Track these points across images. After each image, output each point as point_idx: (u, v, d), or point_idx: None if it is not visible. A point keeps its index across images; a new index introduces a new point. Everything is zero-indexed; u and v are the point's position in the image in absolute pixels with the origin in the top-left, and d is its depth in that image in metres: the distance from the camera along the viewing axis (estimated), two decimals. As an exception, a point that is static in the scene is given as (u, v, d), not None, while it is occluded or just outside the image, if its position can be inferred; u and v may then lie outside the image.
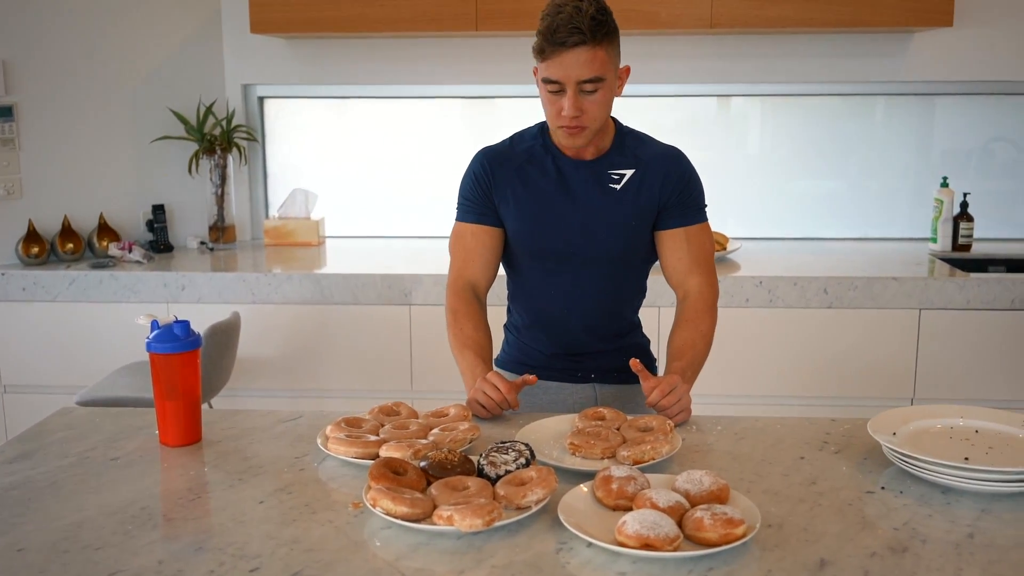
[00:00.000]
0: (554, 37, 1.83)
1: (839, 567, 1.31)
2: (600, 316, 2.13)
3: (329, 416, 1.91)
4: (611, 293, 2.13)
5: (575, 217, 2.05)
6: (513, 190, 2.07)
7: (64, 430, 1.88)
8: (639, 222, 2.07)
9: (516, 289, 2.20)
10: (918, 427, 1.72)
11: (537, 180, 2.06)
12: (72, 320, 3.50)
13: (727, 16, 3.48)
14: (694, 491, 1.46)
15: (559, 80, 1.86)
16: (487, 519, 1.37)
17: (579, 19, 1.81)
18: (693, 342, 2.05)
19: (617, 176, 2.06)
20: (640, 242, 2.10)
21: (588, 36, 1.83)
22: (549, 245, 2.07)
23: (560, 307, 2.11)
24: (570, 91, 1.87)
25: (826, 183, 4.07)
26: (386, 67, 3.97)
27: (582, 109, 1.90)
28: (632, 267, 2.14)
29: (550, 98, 1.91)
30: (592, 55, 1.84)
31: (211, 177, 3.94)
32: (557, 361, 2.15)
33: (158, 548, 1.38)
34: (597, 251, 2.06)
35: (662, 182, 2.06)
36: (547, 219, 2.05)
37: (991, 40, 3.79)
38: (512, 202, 2.07)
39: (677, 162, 2.10)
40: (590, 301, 2.10)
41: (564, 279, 2.08)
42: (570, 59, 1.84)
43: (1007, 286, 3.26)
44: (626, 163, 2.07)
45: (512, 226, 2.09)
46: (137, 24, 3.89)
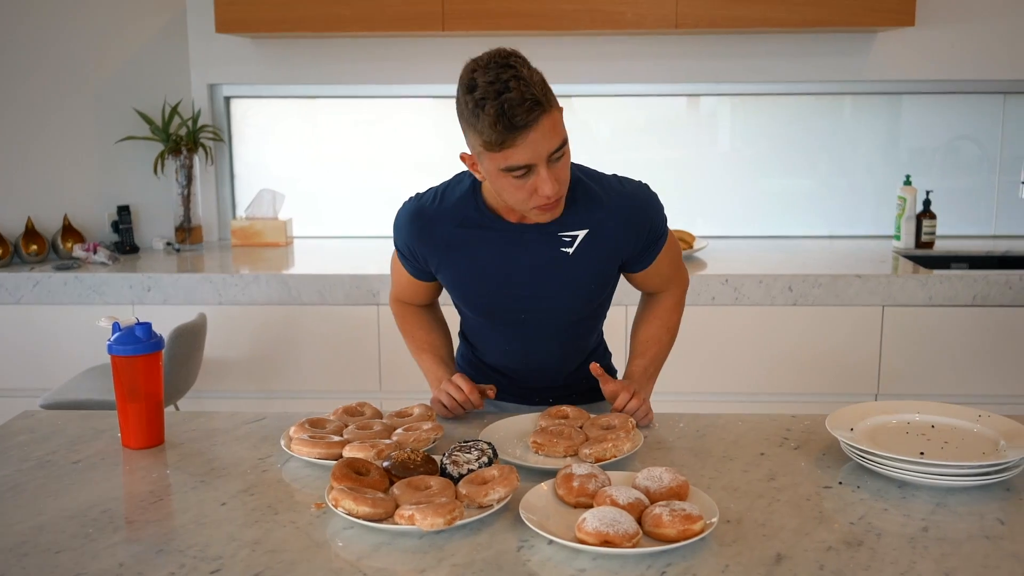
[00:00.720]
0: (512, 123, 1.60)
1: (795, 561, 1.33)
2: (557, 361, 2.04)
3: (293, 417, 1.91)
4: (567, 348, 2.04)
5: (523, 284, 1.89)
6: (446, 259, 1.91)
7: (26, 433, 1.87)
8: (597, 284, 1.93)
9: (468, 331, 2.11)
10: (875, 423, 1.75)
11: (476, 248, 1.88)
12: (36, 322, 3.47)
13: (692, 16, 3.50)
14: (654, 488, 1.48)
15: (528, 163, 1.65)
16: (448, 518, 1.38)
17: (530, 90, 1.60)
18: (659, 337, 2.04)
19: (569, 239, 1.86)
20: (596, 298, 1.98)
21: (545, 104, 1.63)
22: (496, 310, 1.95)
23: (514, 357, 2.04)
24: (544, 171, 1.66)
25: (792, 182, 4.10)
26: (353, 67, 3.97)
27: (559, 180, 1.71)
28: (588, 321, 2.04)
29: (515, 184, 1.69)
30: (552, 121, 1.64)
31: (177, 178, 3.92)
32: (515, 389, 2.08)
33: (119, 551, 1.38)
34: (551, 314, 1.95)
35: (623, 238, 1.88)
36: (491, 286, 1.90)
37: (952, 39, 3.84)
38: (447, 269, 1.93)
39: (637, 213, 1.89)
40: (545, 353, 2.02)
41: (516, 338, 1.99)
42: (535, 137, 1.62)
43: (969, 283, 3.30)
44: (577, 222, 1.85)
45: (454, 290, 1.97)
46: (101, 23, 3.87)
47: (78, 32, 3.84)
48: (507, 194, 1.72)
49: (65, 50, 3.83)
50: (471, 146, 1.70)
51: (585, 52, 3.88)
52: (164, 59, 3.96)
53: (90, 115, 3.90)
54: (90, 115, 3.90)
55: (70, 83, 3.86)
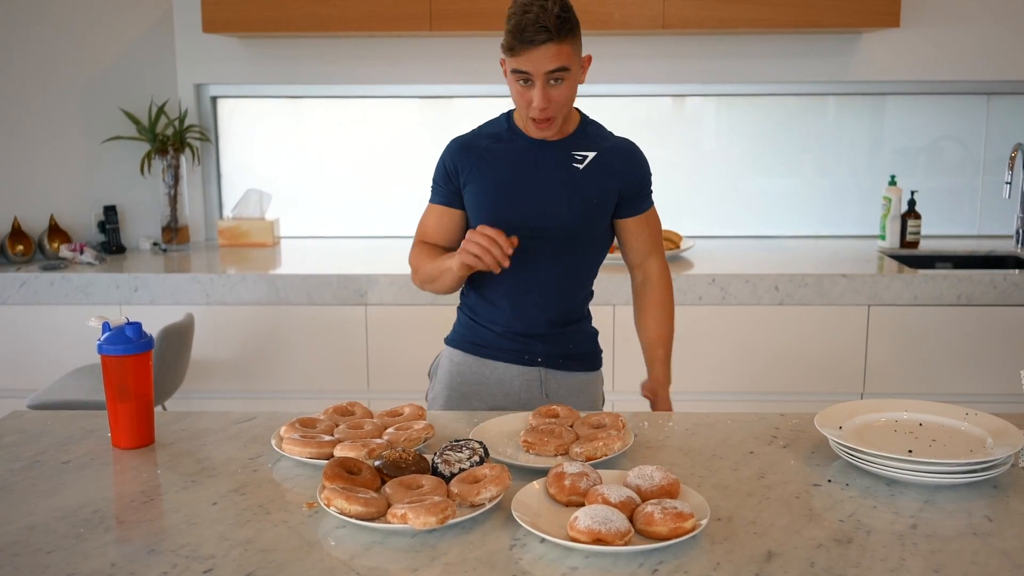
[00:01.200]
0: (523, 36, 1.92)
1: (786, 559, 1.34)
2: (553, 295, 2.20)
3: (283, 417, 1.91)
4: (564, 272, 2.20)
5: (536, 192, 2.13)
6: (476, 171, 2.16)
7: (15, 434, 1.86)
8: (600, 201, 2.16)
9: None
10: (864, 421, 1.76)
11: (500, 159, 2.15)
12: (23, 323, 3.45)
13: (678, 17, 3.51)
14: (645, 486, 1.49)
15: (528, 72, 1.96)
16: (440, 517, 1.39)
17: (545, 18, 1.91)
18: (669, 329, 2.33)
19: (580, 157, 2.15)
20: (598, 222, 2.19)
21: (554, 34, 1.92)
22: (510, 218, 2.12)
23: (515, 283, 2.17)
24: (539, 84, 1.97)
25: (777, 182, 4.12)
26: (340, 66, 3.97)
27: (550, 99, 1.99)
28: (586, 249, 2.22)
29: (519, 89, 2.01)
30: (558, 50, 1.94)
31: (164, 177, 3.91)
32: (507, 341, 2.21)
33: (110, 551, 1.37)
34: (556, 224, 2.14)
35: (623, 171, 2.18)
36: (508, 193, 2.14)
37: (937, 41, 3.86)
38: (474, 181, 2.16)
39: (636, 154, 2.22)
40: (544, 277, 2.18)
41: (521, 255, 2.10)
42: (538, 55, 1.93)
43: (953, 282, 3.33)
44: (589, 147, 2.17)
45: (474, 202, 2.17)
46: (88, 23, 3.85)
47: (64, 31, 3.83)
48: (513, 95, 2.05)
49: (51, 49, 3.81)
50: (502, 49, 2.00)
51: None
52: (151, 59, 3.95)
53: (76, 115, 3.89)
54: (76, 115, 3.89)
55: (56, 83, 3.84)
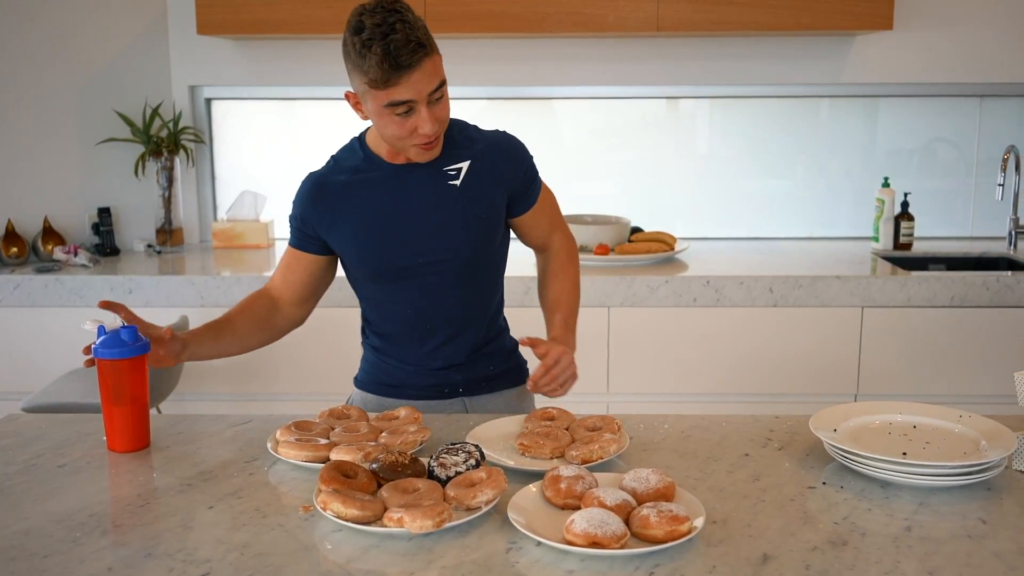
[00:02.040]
0: (398, 61, 1.71)
1: (781, 561, 1.35)
2: (461, 324, 2.04)
3: (279, 420, 1.91)
4: (469, 298, 2.04)
5: (416, 224, 1.95)
6: (339, 213, 1.97)
7: (9, 437, 1.86)
8: (489, 214, 1.99)
9: (368, 309, 2.11)
10: (858, 423, 1.77)
11: (365, 196, 1.96)
12: (17, 325, 3.45)
13: (673, 19, 3.52)
14: (641, 489, 1.49)
15: (410, 100, 1.76)
16: (437, 520, 1.39)
17: (414, 33, 1.72)
18: (568, 291, 2.11)
19: (454, 171, 1.96)
20: (493, 236, 2.02)
21: (428, 47, 1.75)
22: (393, 262, 1.96)
23: (417, 324, 2.03)
24: (424, 109, 1.78)
25: (771, 183, 4.13)
26: (334, 68, 3.95)
27: (438, 120, 1.82)
28: (487, 264, 2.06)
29: (397, 121, 1.80)
30: (434, 63, 1.77)
31: (158, 179, 3.91)
32: (421, 377, 2.07)
33: (107, 555, 1.37)
34: (447, 256, 1.97)
35: (505, 169, 2.00)
36: (384, 234, 1.95)
37: (930, 43, 3.88)
38: (341, 227, 1.97)
39: (512, 146, 2.04)
40: (447, 311, 2.02)
41: (416, 295, 2.00)
42: (417, 76, 1.74)
43: (946, 284, 3.34)
44: (458, 156, 1.97)
45: (348, 250, 1.99)
46: (82, 25, 3.85)
47: (58, 33, 3.82)
48: (389, 131, 1.83)
49: (45, 51, 3.81)
50: (356, 86, 1.81)
51: (566, 54, 3.89)
52: (145, 61, 3.94)
53: (71, 116, 3.88)
54: (71, 116, 3.88)
55: (50, 84, 3.84)
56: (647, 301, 3.37)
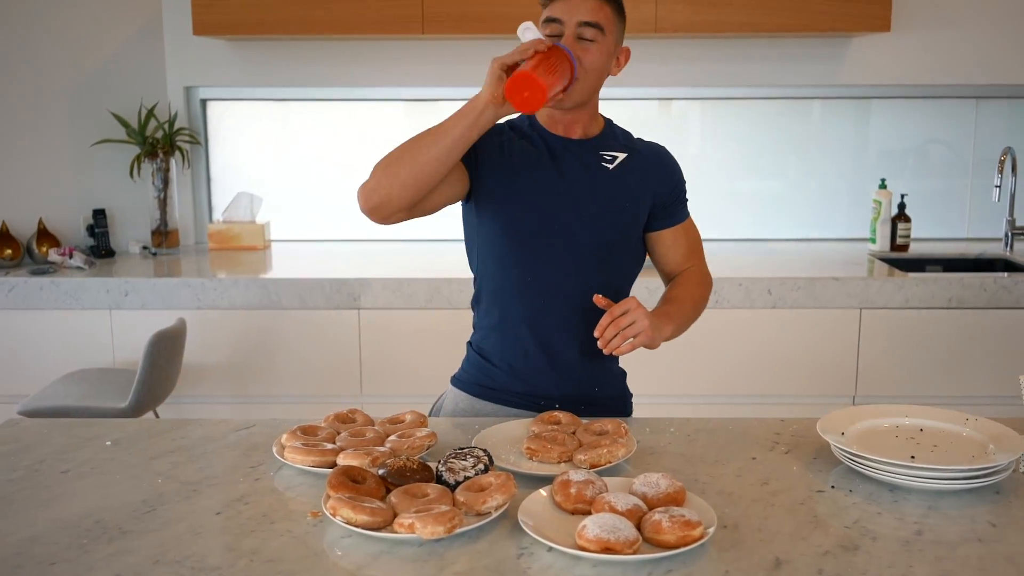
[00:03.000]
0: None
1: (794, 566, 1.34)
2: (580, 317, 1.96)
3: (283, 424, 1.90)
4: (594, 286, 1.94)
5: (563, 192, 1.96)
6: (498, 159, 1.96)
7: (10, 443, 1.84)
8: (633, 207, 2.00)
9: (486, 285, 2.04)
10: (865, 426, 1.76)
11: (524, 150, 1.97)
12: (11, 328, 3.43)
13: (671, 21, 3.52)
14: (651, 494, 1.48)
15: (560, 19, 1.85)
16: (448, 526, 1.38)
17: None
18: (684, 299, 2.04)
19: (609, 157, 2.01)
20: (631, 232, 2.01)
21: None
22: (533, 220, 1.95)
23: (537, 294, 1.97)
24: (568, 32, 1.85)
25: (766, 184, 4.13)
26: (331, 70, 3.95)
27: (577, 56, 1.85)
28: (617, 259, 2.02)
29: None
30: (598, 4, 1.86)
31: (153, 181, 3.89)
32: (517, 384, 2.01)
33: (115, 562, 1.36)
34: (584, 232, 1.95)
35: (657, 175, 2.04)
36: (530, 193, 1.95)
37: (927, 44, 3.88)
38: (494, 170, 1.96)
39: (669, 159, 2.09)
40: (570, 294, 1.96)
41: (544, 263, 1.96)
42: (572, 3, 1.85)
43: (944, 285, 3.34)
44: (618, 147, 2.04)
45: (489, 198, 1.96)
46: (76, 25, 3.83)
47: (53, 34, 3.80)
48: None
49: (40, 52, 3.79)
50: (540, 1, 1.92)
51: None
52: (140, 61, 3.92)
53: (65, 118, 3.87)
54: (65, 118, 3.87)
55: (45, 85, 3.82)
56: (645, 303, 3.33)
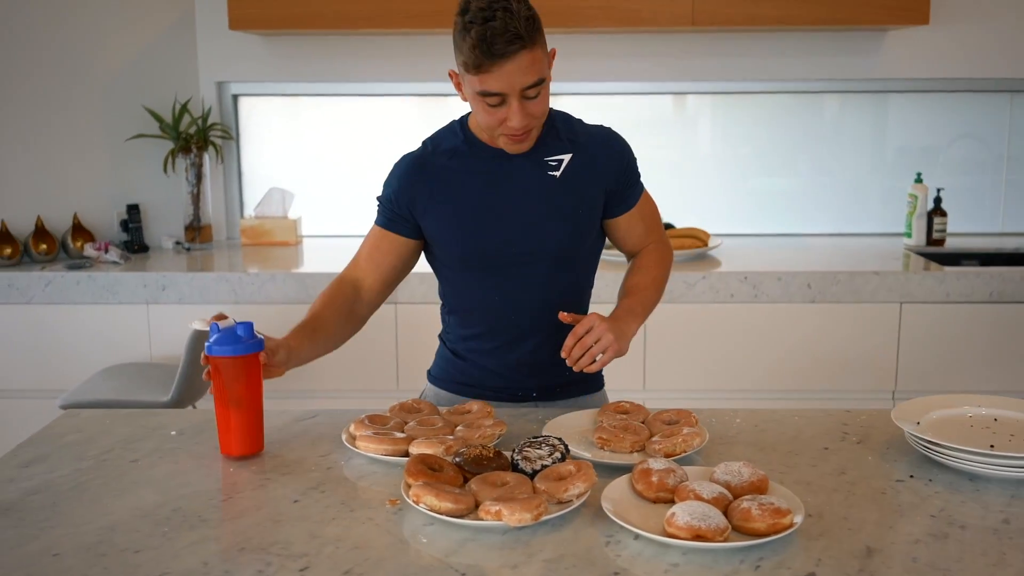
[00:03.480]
0: (491, 50, 1.66)
1: (886, 554, 1.33)
2: (545, 321, 1.93)
3: (346, 414, 1.89)
4: (556, 295, 1.95)
5: (513, 213, 1.89)
6: (436, 196, 1.91)
7: (74, 433, 1.83)
8: (586, 209, 1.93)
9: (451, 299, 2.04)
10: (940, 416, 1.75)
11: (464, 180, 1.90)
12: (49, 322, 3.42)
13: (708, 14, 3.50)
14: (735, 482, 1.47)
15: (501, 92, 1.72)
16: (535, 513, 1.37)
17: (514, 23, 1.66)
18: (646, 285, 1.99)
19: (555, 162, 1.90)
20: (588, 232, 1.96)
21: (527, 40, 1.68)
22: (486, 249, 1.91)
23: (501, 317, 1.96)
24: (515, 103, 1.73)
25: (799, 179, 4.11)
26: (364, 65, 3.94)
27: (529, 115, 1.76)
28: (580, 262, 1.99)
29: (488, 110, 1.76)
30: (532, 58, 1.70)
31: (187, 176, 3.88)
32: (496, 378, 2.01)
33: (200, 549, 1.35)
34: (541, 247, 1.91)
35: (604, 166, 1.93)
36: (481, 220, 1.90)
37: (962, 38, 3.86)
38: (435, 209, 1.91)
39: (615, 142, 1.97)
40: (533, 306, 1.94)
41: (506, 285, 1.93)
42: (511, 68, 1.68)
43: (985, 279, 3.32)
44: (561, 147, 1.91)
45: (441, 234, 1.93)
46: (110, 20, 3.83)
47: (87, 29, 3.80)
48: (480, 117, 1.80)
49: (74, 47, 3.78)
50: (457, 64, 1.76)
51: (599, 50, 3.88)
52: (173, 56, 3.92)
53: (99, 113, 3.86)
54: (99, 113, 3.86)
55: (79, 81, 3.81)
56: (684, 297, 3.35)
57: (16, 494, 1.54)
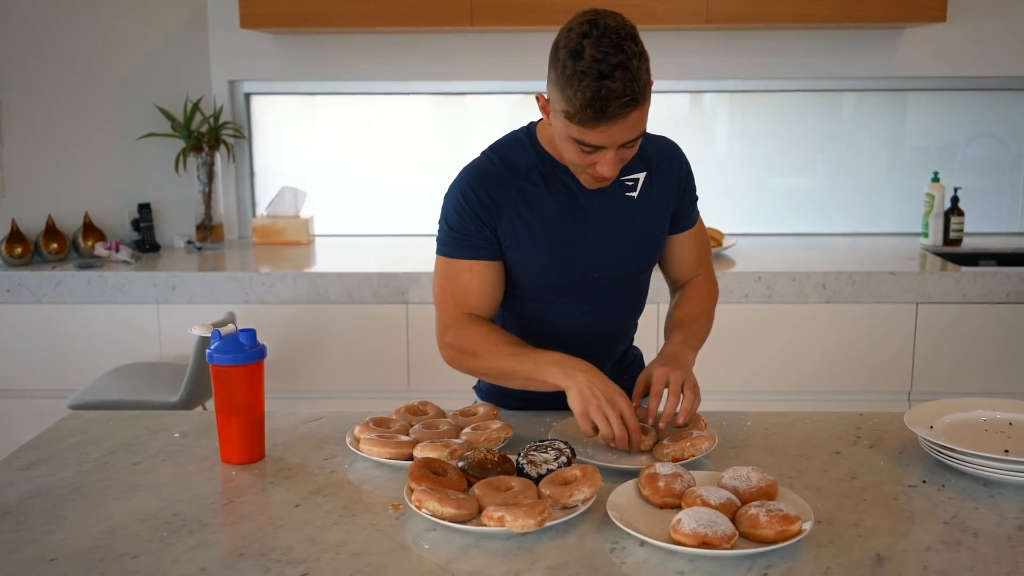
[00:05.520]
0: (605, 112, 1.54)
1: (897, 562, 1.30)
2: (610, 340, 1.92)
3: (351, 417, 1.87)
4: (623, 314, 1.93)
5: (596, 237, 1.80)
6: (519, 217, 1.76)
7: (78, 434, 1.82)
8: (660, 231, 1.87)
9: (511, 319, 1.91)
10: (953, 420, 1.71)
11: (544, 202, 1.77)
12: (59, 322, 3.42)
13: (723, 11, 3.47)
14: (743, 488, 1.44)
15: (600, 146, 1.61)
16: (539, 519, 1.34)
17: (632, 87, 1.53)
18: (696, 316, 1.91)
19: (631, 182, 1.81)
20: (657, 256, 1.92)
21: (640, 99, 1.56)
22: (568, 275, 1.81)
23: (574, 338, 1.85)
24: (612, 154, 1.63)
25: (814, 178, 4.07)
26: (376, 63, 3.92)
27: (621, 160, 1.67)
28: (643, 283, 1.95)
29: (578, 151, 1.64)
30: (640, 116, 1.59)
31: (198, 175, 3.87)
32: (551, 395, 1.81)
33: (199, 555, 1.33)
34: (621, 271, 1.85)
35: (672, 182, 1.87)
36: (564, 246, 1.78)
37: (979, 36, 3.81)
38: (520, 233, 1.77)
39: (679, 156, 1.90)
40: (602, 326, 1.89)
41: (581, 309, 1.86)
42: (617, 128, 1.58)
43: (1002, 279, 3.28)
44: (636, 165, 1.81)
45: (522, 260, 1.80)
46: (121, 19, 3.82)
47: (98, 28, 3.79)
48: (567, 154, 1.67)
49: (85, 46, 3.78)
50: (552, 98, 1.62)
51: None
52: (185, 55, 3.91)
53: (111, 111, 3.86)
54: (111, 111, 3.86)
55: (90, 79, 3.81)
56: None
57: (16, 497, 1.53)
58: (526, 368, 1.71)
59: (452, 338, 1.79)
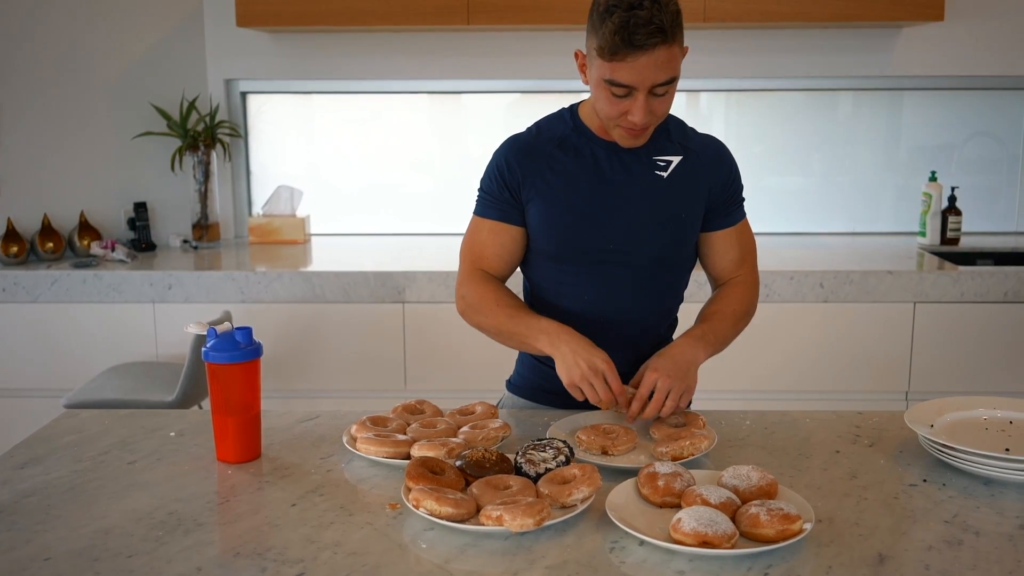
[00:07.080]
0: (632, 39, 1.59)
1: (898, 561, 1.29)
2: (637, 331, 1.91)
3: (348, 415, 1.86)
4: (649, 303, 1.92)
5: (618, 209, 1.83)
6: (544, 183, 1.84)
7: (73, 433, 1.81)
8: (689, 215, 1.87)
9: (538, 298, 1.95)
10: (954, 419, 1.71)
11: (571, 169, 1.84)
12: (55, 321, 3.40)
13: (720, 10, 3.46)
14: (743, 487, 1.44)
15: (630, 85, 1.66)
16: (537, 519, 1.33)
17: (660, 16, 1.59)
18: (724, 313, 1.91)
19: (663, 163, 1.85)
20: (688, 239, 1.91)
21: (669, 35, 1.61)
22: (587, 243, 1.84)
23: (591, 317, 1.86)
24: (642, 97, 1.67)
25: (810, 178, 4.07)
26: (372, 62, 3.91)
27: (652, 113, 1.71)
28: (674, 270, 1.94)
29: (612, 99, 1.69)
30: (669, 55, 1.63)
31: (194, 174, 3.86)
32: None
33: (194, 554, 1.32)
34: (641, 248, 1.85)
35: (712, 176, 1.89)
36: (585, 212, 1.83)
37: (976, 35, 3.80)
38: (543, 197, 1.84)
39: (725, 155, 1.93)
40: (622, 310, 1.89)
41: (599, 284, 1.87)
42: (646, 62, 1.62)
43: (1000, 279, 3.27)
44: (673, 149, 1.87)
45: (542, 223, 1.86)
46: (117, 18, 3.81)
47: (94, 26, 3.78)
48: (600, 105, 1.74)
49: (81, 45, 3.77)
50: (588, 46, 1.71)
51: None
52: (181, 53, 3.89)
53: (107, 110, 3.84)
54: (107, 110, 3.84)
55: (86, 78, 3.79)
56: (695, 296, 3.27)
57: (10, 496, 1.52)
58: (519, 331, 1.81)
59: (464, 291, 1.90)
